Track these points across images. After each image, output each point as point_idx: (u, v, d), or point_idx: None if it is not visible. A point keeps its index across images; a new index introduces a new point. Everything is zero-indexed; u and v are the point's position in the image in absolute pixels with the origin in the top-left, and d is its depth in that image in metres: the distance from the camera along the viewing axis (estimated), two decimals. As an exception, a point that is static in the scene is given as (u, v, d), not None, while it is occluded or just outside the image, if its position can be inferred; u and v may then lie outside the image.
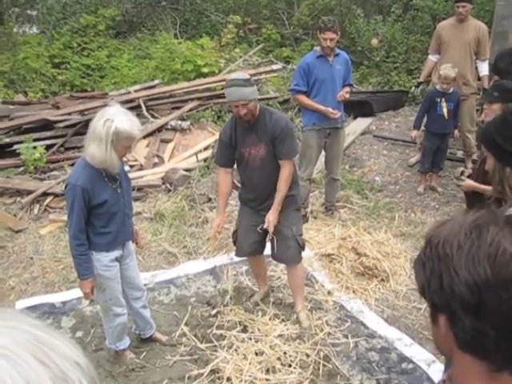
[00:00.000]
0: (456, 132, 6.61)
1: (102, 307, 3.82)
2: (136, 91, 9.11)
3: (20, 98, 9.86)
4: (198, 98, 8.88)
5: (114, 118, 3.23)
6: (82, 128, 7.89)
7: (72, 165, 7.33)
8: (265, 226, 4.00)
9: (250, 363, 3.81)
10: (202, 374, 3.79)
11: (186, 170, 7.06)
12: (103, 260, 3.54)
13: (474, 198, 3.81)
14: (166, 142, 7.91)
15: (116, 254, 3.62)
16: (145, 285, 4.75)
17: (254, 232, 4.22)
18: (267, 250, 4.47)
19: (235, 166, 4.24)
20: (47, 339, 0.63)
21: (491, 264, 0.91)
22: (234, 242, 4.46)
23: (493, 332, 0.91)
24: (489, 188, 3.14)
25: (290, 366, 3.84)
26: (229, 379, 3.70)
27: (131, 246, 3.82)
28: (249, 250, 4.38)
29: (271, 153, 3.98)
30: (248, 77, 3.90)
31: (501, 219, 0.97)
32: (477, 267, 0.92)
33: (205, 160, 7.37)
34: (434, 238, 1.01)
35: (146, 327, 4.12)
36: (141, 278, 4.06)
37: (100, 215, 3.45)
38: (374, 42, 11.27)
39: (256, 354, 3.92)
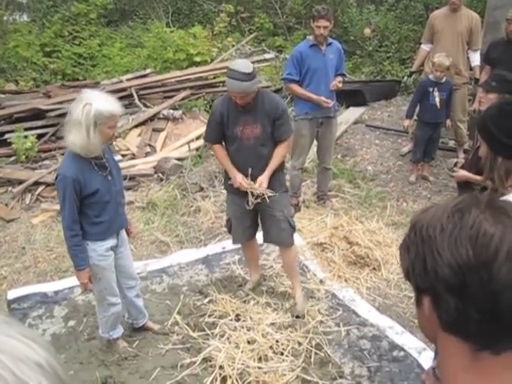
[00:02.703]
0: (448, 122, 6.62)
1: (96, 297, 3.81)
2: (128, 80, 9.07)
3: (11, 86, 9.80)
4: (191, 87, 8.86)
5: (91, 101, 3.20)
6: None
7: (64, 154, 7.31)
8: (256, 186, 4.00)
9: (242, 351, 3.82)
10: (195, 363, 3.80)
11: (178, 159, 7.05)
12: (99, 250, 3.54)
13: (466, 188, 3.83)
14: (158, 131, 7.89)
15: (111, 243, 3.61)
16: (137, 274, 4.76)
17: (246, 218, 4.29)
18: (260, 239, 4.52)
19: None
20: (2, 341, 0.59)
21: (473, 245, 0.93)
22: (229, 231, 4.50)
23: (475, 313, 0.93)
24: (481, 178, 3.16)
25: (282, 354, 3.86)
26: (221, 367, 3.71)
27: (125, 234, 3.82)
28: (243, 237, 4.45)
29: (265, 132, 4.03)
30: (250, 70, 3.83)
31: (482, 203, 0.98)
32: (459, 249, 0.93)
33: (197, 149, 7.36)
34: (418, 222, 1.03)
35: (139, 316, 4.12)
36: (134, 267, 4.06)
37: (93, 204, 3.44)
38: (367, 31, 11.24)
39: (248, 342, 3.94)
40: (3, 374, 0.56)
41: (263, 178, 4.05)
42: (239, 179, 4.07)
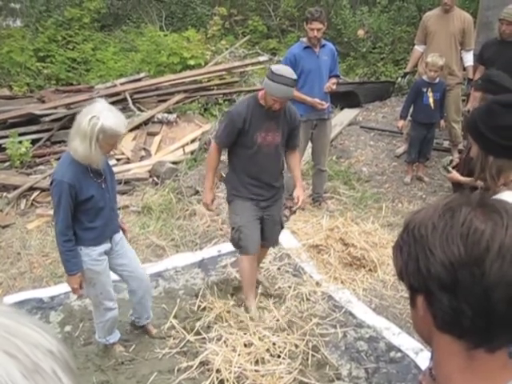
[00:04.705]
0: (442, 122, 6.63)
1: (92, 302, 3.81)
2: (122, 84, 9.06)
3: (5, 92, 9.77)
4: (185, 91, 8.85)
5: (100, 115, 3.20)
6: (68, 122, 7.84)
7: (58, 159, 7.28)
8: (295, 202, 4.28)
9: (239, 355, 3.82)
10: (192, 367, 3.79)
11: (173, 162, 7.04)
12: (92, 254, 3.53)
13: (461, 188, 3.84)
14: (153, 135, 7.88)
15: (104, 247, 3.61)
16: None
17: (258, 224, 4.27)
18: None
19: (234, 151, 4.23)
20: (16, 328, 0.61)
21: (464, 242, 0.94)
22: (238, 242, 4.24)
23: (469, 310, 0.94)
24: (471, 179, 3.18)
25: (279, 356, 3.85)
26: (218, 371, 3.71)
27: (118, 236, 3.78)
28: (258, 243, 4.33)
29: (283, 140, 4.15)
30: (295, 76, 3.95)
31: (473, 201, 1.00)
32: (450, 246, 0.95)
33: (192, 152, 7.35)
34: (410, 223, 1.05)
35: (143, 315, 4.08)
36: (139, 266, 3.94)
37: (87, 210, 3.44)
38: (361, 32, 11.28)
39: (245, 345, 3.93)
40: (19, 356, 0.57)
41: (300, 193, 4.24)
42: (209, 199, 4.24)
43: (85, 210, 3.43)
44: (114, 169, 6.87)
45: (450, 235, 0.95)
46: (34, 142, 7.48)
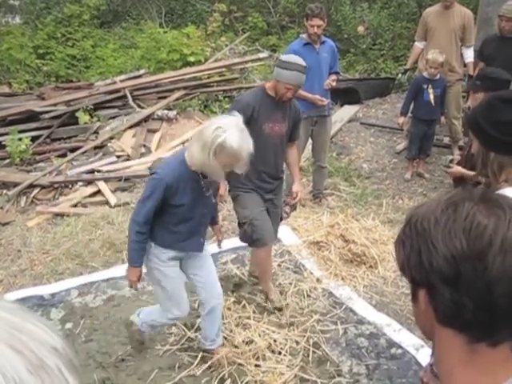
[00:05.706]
0: (442, 119, 6.62)
1: (160, 303, 3.64)
2: (122, 81, 9.06)
3: (4, 89, 9.75)
4: (185, 88, 8.84)
5: (227, 128, 3.00)
6: (67, 119, 7.85)
7: (59, 156, 7.29)
8: (294, 197, 4.37)
9: (240, 351, 3.82)
10: (192, 363, 3.79)
11: (174, 159, 7.03)
12: (161, 256, 3.36)
13: (462, 184, 3.84)
14: (153, 131, 7.88)
15: (174, 253, 3.41)
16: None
17: (267, 216, 4.24)
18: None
19: None
20: (21, 324, 0.61)
21: (466, 236, 0.94)
22: (251, 236, 4.18)
23: (471, 303, 0.94)
24: (475, 174, 3.17)
25: (279, 353, 3.86)
26: (219, 368, 3.71)
27: (201, 257, 3.61)
28: (273, 233, 4.33)
29: (288, 132, 4.19)
30: (305, 64, 4.04)
31: (476, 196, 1.00)
32: (453, 240, 0.95)
33: (192, 149, 7.33)
34: (412, 217, 1.05)
35: (207, 338, 3.77)
36: (214, 280, 3.72)
37: (173, 214, 3.27)
38: (361, 29, 11.26)
39: (246, 342, 3.94)
40: (25, 352, 0.57)
41: (298, 188, 4.38)
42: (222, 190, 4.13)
43: (171, 214, 3.26)
44: (114, 166, 6.89)
45: (453, 229, 0.96)
46: (33, 139, 7.48)
